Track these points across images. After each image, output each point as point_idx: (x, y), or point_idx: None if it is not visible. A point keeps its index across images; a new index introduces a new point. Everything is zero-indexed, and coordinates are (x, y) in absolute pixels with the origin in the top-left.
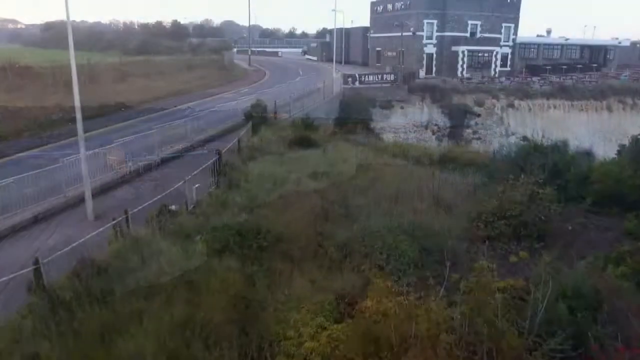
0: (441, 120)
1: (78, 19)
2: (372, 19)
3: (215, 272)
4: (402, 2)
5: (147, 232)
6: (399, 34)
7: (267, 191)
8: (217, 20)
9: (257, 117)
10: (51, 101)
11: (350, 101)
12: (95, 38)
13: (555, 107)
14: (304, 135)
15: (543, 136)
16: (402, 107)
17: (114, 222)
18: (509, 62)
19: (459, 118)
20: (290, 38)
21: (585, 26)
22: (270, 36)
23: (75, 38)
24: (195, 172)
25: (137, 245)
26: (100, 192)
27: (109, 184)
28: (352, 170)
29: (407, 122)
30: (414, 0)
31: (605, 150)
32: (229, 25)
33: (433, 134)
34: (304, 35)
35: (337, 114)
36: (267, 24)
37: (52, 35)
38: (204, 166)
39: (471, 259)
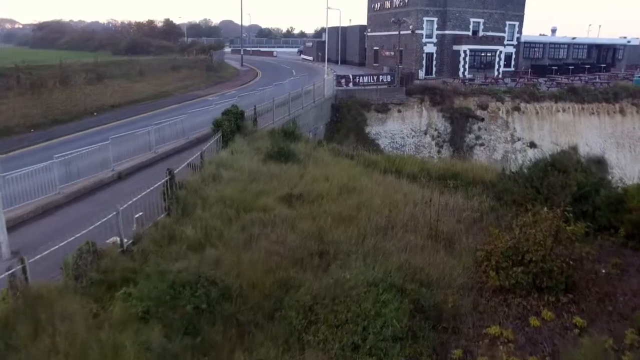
0: (441, 124)
1: (76, 19)
2: (370, 17)
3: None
4: None
5: (55, 285)
6: (397, 32)
7: (226, 221)
8: (216, 20)
9: (228, 126)
10: (11, 105)
11: (342, 105)
12: (86, 38)
13: (564, 110)
14: (283, 147)
15: (555, 143)
16: (399, 111)
17: (8, 272)
18: (513, 62)
19: (460, 122)
20: (288, 37)
21: (590, 25)
22: (267, 36)
23: (66, 39)
24: (141, 195)
25: (34, 307)
26: (35, 216)
27: (48, 206)
28: (334, 192)
29: (405, 127)
30: None
31: (618, 157)
32: (227, 24)
33: (432, 139)
34: (302, 34)
35: (327, 119)
36: (266, 23)
37: (44, 35)
38: (150, 188)
39: (479, 320)
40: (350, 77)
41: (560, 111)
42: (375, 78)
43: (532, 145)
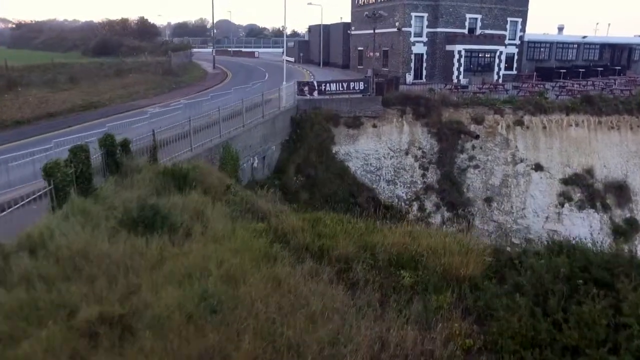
0: (427, 142)
1: (70, 18)
2: (353, 13)
3: None
4: None
5: None
6: (384, 30)
7: None
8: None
9: (64, 177)
10: None
11: (304, 118)
12: (60, 38)
13: (577, 124)
14: (150, 207)
15: (566, 165)
16: (374, 126)
17: None
18: (515, 65)
19: (450, 140)
20: (278, 37)
21: (598, 24)
22: (257, 35)
23: (42, 39)
24: None
25: None
26: None
27: None
28: (185, 312)
29: (381, 146)
30: None
31: None
32: (223, 24)
33: (416, 160)
34: (295, 34)
35: (284, 137)
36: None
37: (21, 34)
38: None
39: None
40: (315, 84)
41: (573, 125)
42: (344, 85)
43: (538, 167)
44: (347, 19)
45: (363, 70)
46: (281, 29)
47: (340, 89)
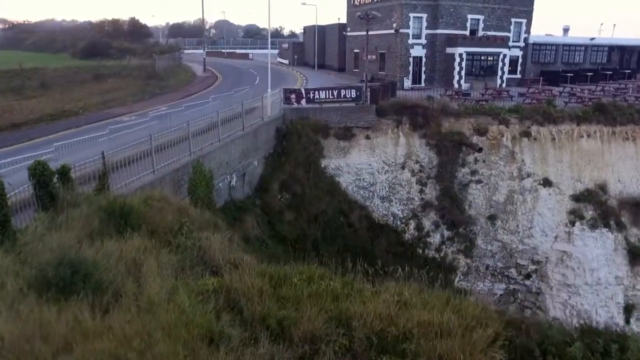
0: (425, 155)
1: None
2: (349, 13)
3: None
4: None
5: None
6: (380, 32)
7: None
8: (211, 20)
9: None
10: None
11: (291, 129)
12: (50, 39)
13: (588, 135)
14: (75, 262)
15: (577, 180)
16: (367, 137)
17: None
18: (519, 68)
19: (450, 153)
20: (276, 37)
21: (602, 24)
22: (254, 36)
23: (32, 40)
24: None
25: None
26: None
27: None
28: None
29: (375, 159)
30: None
31: None
32: (222, 24)
33: (413, 175)
34: (293, 34)
35: (268, 151)
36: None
37: (13, 35)
38: None
39: None
40: (303, 91)
41: (584, 136)
42: (335, 93)
43: (547, 182)
44: (344, 19)
45: (359, 74)
46: (279, 29)
47: (331, 97)
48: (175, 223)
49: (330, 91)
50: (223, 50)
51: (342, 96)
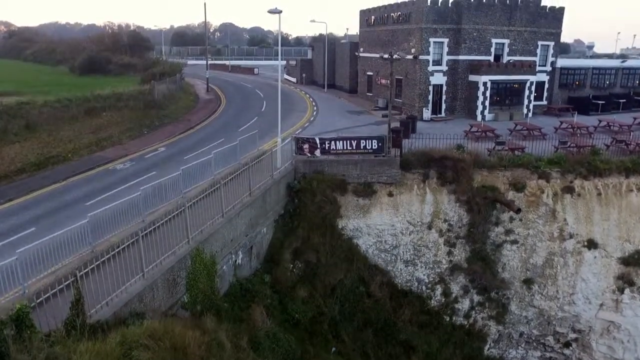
0: (454, 213)
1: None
2: (362, 33)
3: None
4: (399, 12)
5: None
6: (397, 56)
7: None
8: (216, 22)
9: None
10: None
11: (304, 186)
12: (49, 50)
13: (639, 188)
14: None
15: (626, 241)
16: (390, 194)
17: None
18: (545, 94)
19: (483, 211)
20: (282, 47)
21: (619, 33)
22: (259, 44)
23: (32, 49)
24: None
25: None
26: None
27: None
28: None
29: (399, 219)
30: (416, 9)
31: None
32: (227, 27)
33: (440, 235)
34: (299, 42)
35: (279, 212)
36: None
37: (14, 43)
38: None
39: None
40: (317, 141)
41: (634, 190)
42: (354, 144)
43: (592, 244)
44: (353, 30)
45: (373, 98)
46: (286, 35)
47: (349, 147)
48: None
49: (348, 142)
50: (227, 63)
51: (361, 147)
